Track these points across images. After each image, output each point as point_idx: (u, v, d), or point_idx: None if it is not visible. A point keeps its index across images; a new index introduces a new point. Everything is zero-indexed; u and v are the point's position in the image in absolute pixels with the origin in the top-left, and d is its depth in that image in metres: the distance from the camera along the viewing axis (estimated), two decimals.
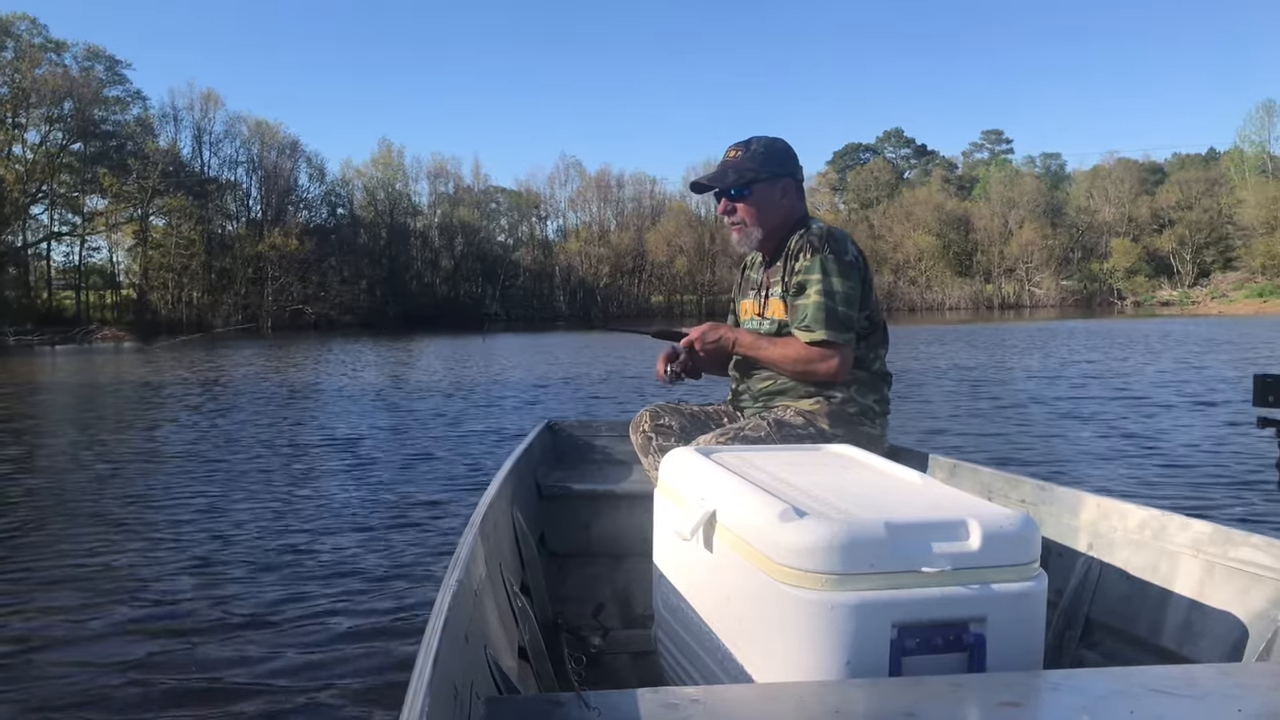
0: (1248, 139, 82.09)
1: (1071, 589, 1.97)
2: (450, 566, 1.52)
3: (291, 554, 4.58)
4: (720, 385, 2.94)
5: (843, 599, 1.40)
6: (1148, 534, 1.87)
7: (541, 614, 2.33)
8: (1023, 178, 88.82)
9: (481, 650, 1.46)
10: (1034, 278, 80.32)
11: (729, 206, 2.72)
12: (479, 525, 1.80)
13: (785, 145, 2.73)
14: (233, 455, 7.91)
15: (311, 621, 3.57)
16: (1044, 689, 1.32)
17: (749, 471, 1.81)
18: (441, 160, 79.39)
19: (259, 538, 4.91)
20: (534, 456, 3.12)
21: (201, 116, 64.36)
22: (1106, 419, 9.46)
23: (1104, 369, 15.91)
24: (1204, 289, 73.99)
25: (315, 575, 4.21)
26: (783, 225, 2.70)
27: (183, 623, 3.60)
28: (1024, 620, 1.47)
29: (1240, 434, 8.07)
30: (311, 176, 70.52)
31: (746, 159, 2.67)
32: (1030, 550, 1.49)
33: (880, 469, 1.92)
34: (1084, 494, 2.06)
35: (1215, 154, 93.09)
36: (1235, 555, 1.69)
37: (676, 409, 2.80)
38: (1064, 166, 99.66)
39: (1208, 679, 1.30)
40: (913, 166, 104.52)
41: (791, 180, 2.70)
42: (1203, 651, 1.67)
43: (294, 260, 61.73)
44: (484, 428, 9.63)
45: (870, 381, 2.66)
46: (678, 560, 1.90)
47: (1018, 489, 2.27)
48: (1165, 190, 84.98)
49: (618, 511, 2.89)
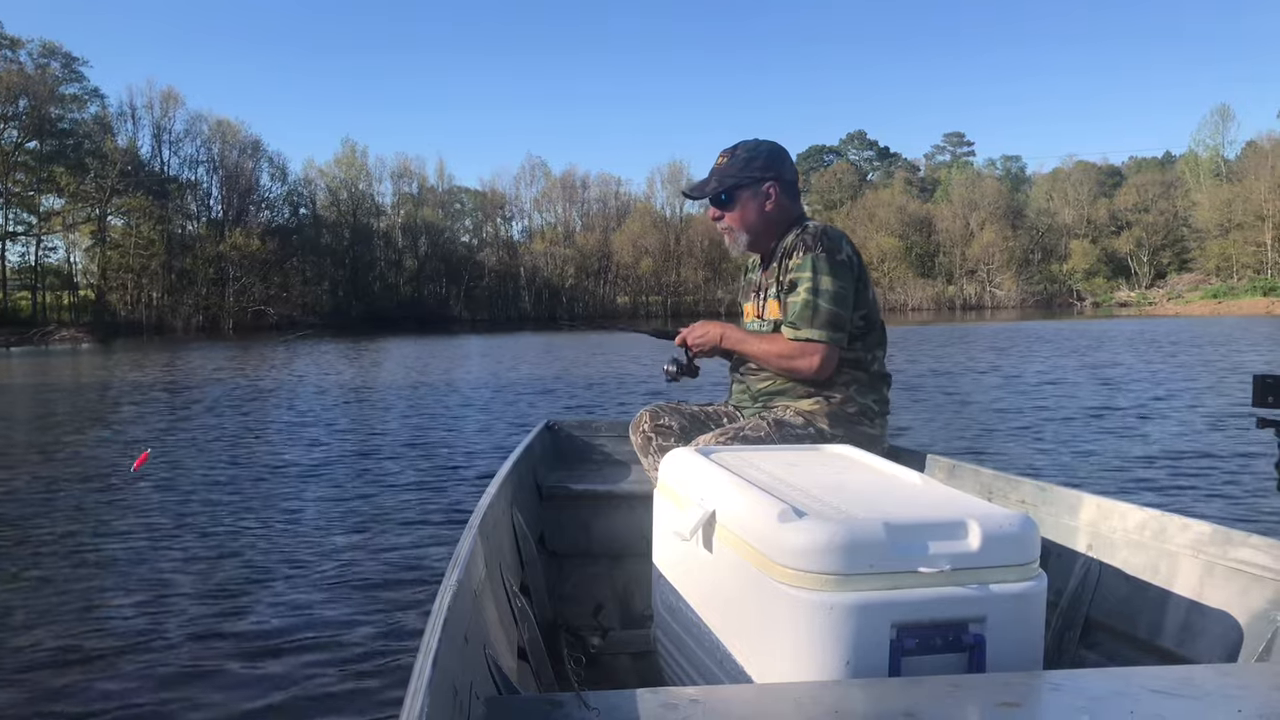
0: (1202, 143, 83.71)
1: (1071, 589, 1.97)
2: (450, 567, 1.51)
3: (289, 555, 4.55)
4: (720, 385, 2.94)
5: (842, 599, 1.40)
6: (1147, 534, 1.88)
7: (541, 614, 2.32)
8: (984, 180, 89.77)
9: (481, 650, 1.45)
10: (995, 279, 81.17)
11: (717, 213, 2.73)
12: (479, 525, 1.79)
13: (771, 147, 2.73)
14: (222, 458, 7.80)
15: (311, 622, 3.55)
16: (1044, 689, 1.32)
17: (748, 472, 1.81)
18: (405, 160, 79.16)
19: (256, 540, 4.86)
20: (534, 457, 3.11)
21: (161, 115, 63.60)
22: (1101, 419, 9.55)
23: (1098, 371, 16.08)
24: (1161, 290, 75.14)
25: (313, 576, 4.18)
26: (771, 227, 2.70)
27: (181, 624, 3.56)
28: (1024, 621, 1.47)
29: (1238, 433, 8.14)
30: (273, 176, 69.98)
31: (729, 165, 2.69)
32: (1030, 551, 1.49)
33: (880, 469, 1.92)
34: (1083, 494, 2.07)
35: (1171, 157, 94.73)
36: (1235, 556, 1.70)
37: (676, 409, 2.79)
38: (1024, 169, 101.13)
39: (1207, 679, 1.31)
40: (876, 169, 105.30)
41: (777, 182, 2.69)
42: (1202, 652, 1.68)
43: (256, 261, 61.12)
44: (479, 427, 9.61)
45: (869, 382, 2.66)
46: (677, 560, 1.90)
47: (1017, 489, 2.27)
48: (1123, 193, 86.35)
49: (617, 512, 2.88)
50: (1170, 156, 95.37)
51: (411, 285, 73.99)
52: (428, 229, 75.20)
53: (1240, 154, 79.70)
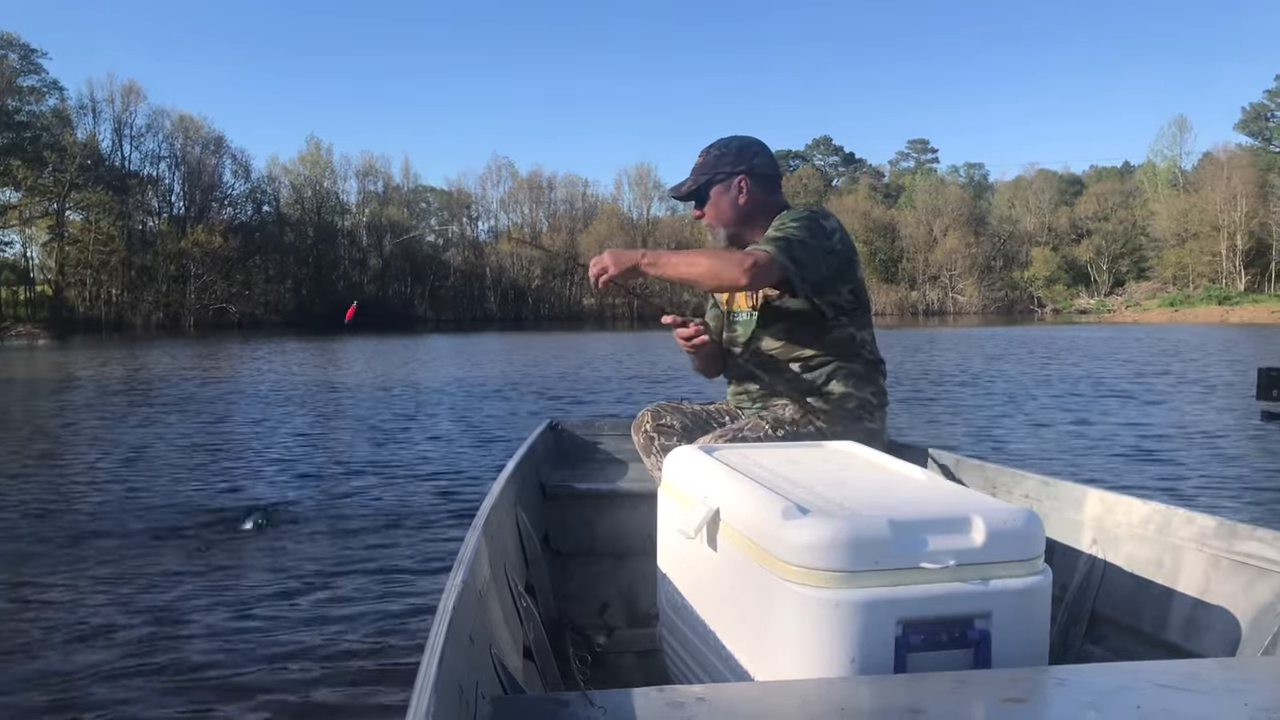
0: (1160, 153, 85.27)
1: (1076, 584, 1.97)
2: (455, 567, 1.50)
3: (294, 554, 4.50)
4: (721, 385, 2.93)
5: (847, 596, 1.40)
6: (1152, 529, 1.87)
7: (546, 613, 2.31)
8: (947, 187, 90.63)
9: (486, 650, 1.44)
10: (957, 285, 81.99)
11: (698, 212, 2.75)
12: (483, 525, 1.78)
13: (742, 142, 2.73)
14: (211, 457, 7.69)
15: (315, 623, 3.52)
16: (1049, 685, 1.32)
17: (752, 469, 1.80)
18: (371, 158, 78.44)
19: (259, 540, 4.80)
20: (537, 456, 3.08)
21: (123, 109, 62.74)
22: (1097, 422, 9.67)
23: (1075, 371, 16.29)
24: (1119, 298, 76.31)
25: (319, 576, 4.14)
26: (748, 219, 2.68)
27: (185, 624, 3.52)
28: (1029, 616, 1.47)
29: (1238, 429, 8.25)
30: (236, 173, 69.24)
31: (703, 164, 2.70)
32: (1034, 546, 1.50)
33: (883, 465, 1.92)
34: (1088, 489, 2.06)
35: (1130, 167, 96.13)
36: (1240, 549, 1.69)
37: (678, 408, 2.78)
38: (987, 177, 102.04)
39: (1213, 674, 1.31)
40: (841, 174, 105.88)
41: (749, 175, 2.68)
42: (1208, 646, 1.68)
43: (218, 258, 60.40)
44: (479, 426, 9.58)
45: (864, 373, 2.63)
46: (682, 559, 1.89)
47: (1021, 484, 2.27)
48: (1083, 201, 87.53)
49: (621, 510, 2.86)
50: (1130, 166, 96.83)
51: (376, 284, 73.39)
52: (393, 228, 74.62)
53: (1197, 165, 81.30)
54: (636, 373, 17.40)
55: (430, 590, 3.85)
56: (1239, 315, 56.92)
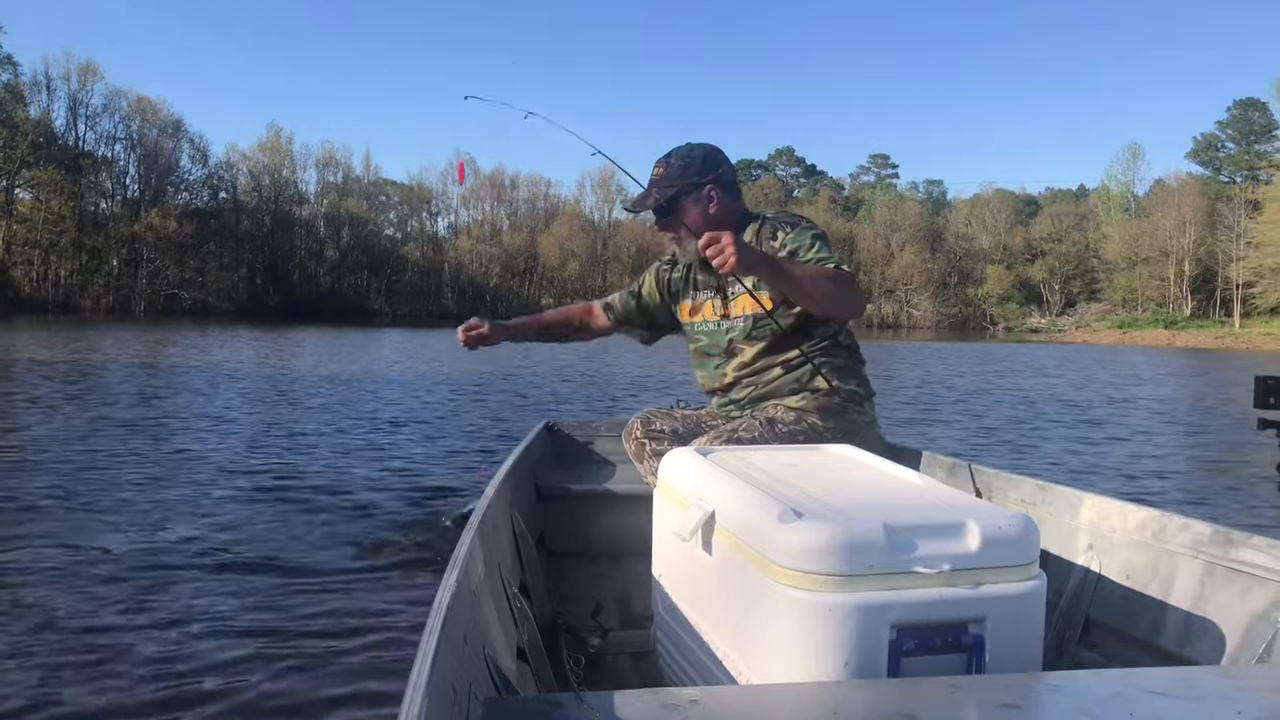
0: (1114, 178, 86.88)
1: (1071, 590, 1.97)
2: (449, 567, 1.48)
3: (286, 552, 4.41)
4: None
5: (841, 600, 1.40)
6: (1147, 535, 1.87)
7: (540, 614, 2.29)
8: (906, 202, 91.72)
9: (480, 651, 1.43)
10: (912, 299, 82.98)
11: (663, 224, 2.72)
12: (478, 526, 1.76)
13: (705, 150, 2.72)
14: (193, 453, 7.50)
15: (309, 621, 3.45)
16: (1043, 690, 1.32)
17: (747, 472, 1.80)
18: (331, 149, 77.68)
19: (255, 540, 4.69)
20: (533, 457, 3.06)
21: (79, 88, 61.43)
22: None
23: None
24: (1070, 318, 77.73)
25: (312, 574, 4.06)
26: (719, 228, 2.64)
27: (177, 625, 3.43)
28: (1023, 621, 1.48)
29: (1236, 437, 8.35)
30: (194, 158, 68.16)
31: (666, 174, 2.68)
32: (1029, 551, 1.50)
33: (879, 469, 1.92)
34: (1084, 494, 2.06)
35: (1085, 190, 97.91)
36: (1235, 556, 1.70)
37: (669, 414, 2.77)
38: (945, 194, 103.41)
39: (1208, 681, 1.31)
40: (802, 185, 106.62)
41: (717, 184, 2.68)
42: (1203, 653, 1.68)
43: (171, 243, 59.48)
44: (476, 424, 9.47)
45: (847, 366, 2.65)
46: (676, 561, 1.89)
47: (1017, 489, 2.27)
48: (1038, 222, 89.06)
49: (617, 512, 2.85)
50: (1084, 190, 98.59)
51: (332, 276, 72.67)
52: (351, 220, 73.96)
53: (1149, 191, 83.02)
54: (621, 371, 17.42)
55: (424, 590, 3.81)
56: (1184, 339, 58.32)
